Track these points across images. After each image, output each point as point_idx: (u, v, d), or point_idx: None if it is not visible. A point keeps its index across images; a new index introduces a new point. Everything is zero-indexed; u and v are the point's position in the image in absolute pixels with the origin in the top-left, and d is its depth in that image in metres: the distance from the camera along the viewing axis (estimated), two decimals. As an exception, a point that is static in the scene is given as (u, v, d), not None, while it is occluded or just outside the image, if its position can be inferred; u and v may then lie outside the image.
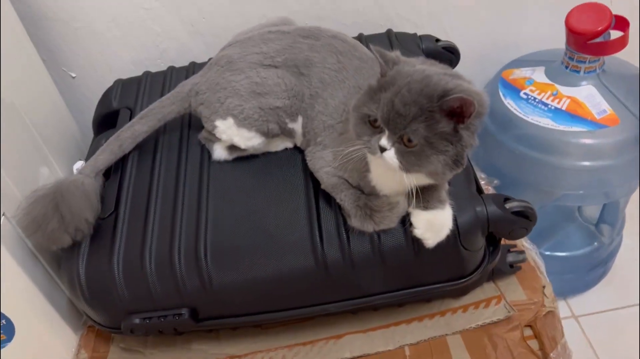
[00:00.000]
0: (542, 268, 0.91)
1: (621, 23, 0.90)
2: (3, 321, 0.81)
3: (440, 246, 0.67)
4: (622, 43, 0.91)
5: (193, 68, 0.94)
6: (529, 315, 0.81)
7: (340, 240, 0.68)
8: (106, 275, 0.70)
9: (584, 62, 0.95)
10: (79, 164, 0.91)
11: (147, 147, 0.83)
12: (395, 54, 0.61)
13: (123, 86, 0.94)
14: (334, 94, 0.71)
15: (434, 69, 0.59)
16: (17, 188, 0.78)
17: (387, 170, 0.62)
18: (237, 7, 1.00)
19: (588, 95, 0.96)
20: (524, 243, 0.92)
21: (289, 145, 0.79)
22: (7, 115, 0.81)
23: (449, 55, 0.95)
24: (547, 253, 1.14)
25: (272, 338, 0.81)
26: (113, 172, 0.81)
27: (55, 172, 0.91)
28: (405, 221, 0.67)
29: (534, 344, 0.80)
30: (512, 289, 0.85)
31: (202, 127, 0.81)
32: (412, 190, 0.61)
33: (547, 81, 1.00)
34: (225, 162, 0.79)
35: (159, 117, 0.80)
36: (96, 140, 0.88)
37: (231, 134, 0.75)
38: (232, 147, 0.78)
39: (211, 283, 0.69)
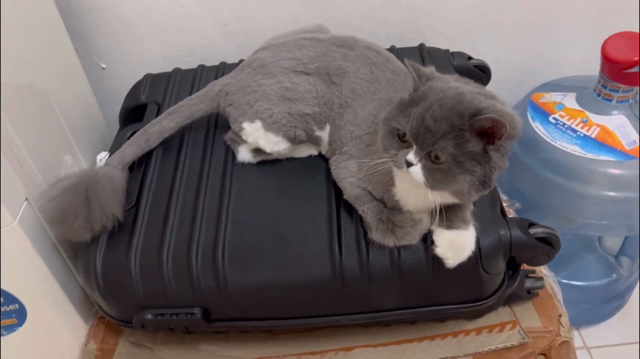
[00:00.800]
0: (559, 296, 0.90)
1: (657, 54, 0.89)
2: (16, 305, 0.81)
3: (460, 267, 0.66)
4: (659, 73, 0.90)
5: (223, 68, 0.95)
6: (544, 343, 0.80)
7: (359, 252, 0.68)
8: (122, 268, 0.70)
9: (617, 91, 0.94)
10: (102, 155, 0.92)
11: (173, 143, 0.83)
12: (430, 69, 0.61)
13: (152, 81, 0.95)
14: (364, 105, 0.71)
15: (468, 87, 0.59)
16: (40, 174, 0.78)
17: (412, 185, 0.62)
18: (270, 11, 1.01)
19: (619, 125, 0.94)
20: (542, 269, 0.90)
21: (314, 152, 0.79)
22: (36, 99, 0.82)
23: (480, 73, 0.94)
24: (564, 281, 1.12)
25: (281, 345, 0.81)
26: (137, 166, 0.81)
27: (78, 160, 0.92)
28: (427, 239, 0.66)
29: (546, 373, 0.79)
30: (528, 315, 0.83)
31: (229, 128, 0.81)
32: (436, 207, 0.60)
33: (578, 107, 0.99)
34: (249, 164, 0.79)
35: (187, 114, 0.80)
36: (122, 132, 0.89)
37: (258, 137, 0.75)
38: (257, 150, 0.78)
39: (226, 284, 0.69)
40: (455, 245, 0.65)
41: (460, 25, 1.07)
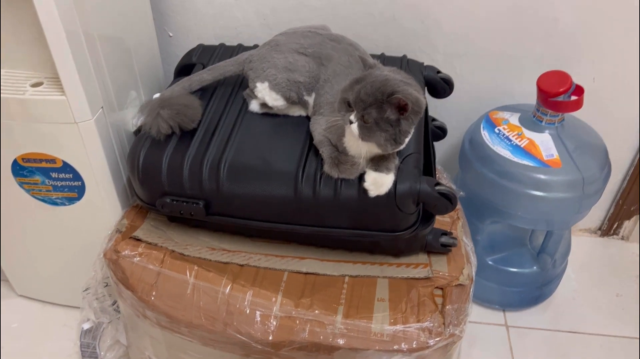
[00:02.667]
0: (472, 259, 1.17)
1: (579, 90, 1.17)
2: (79, 182, 1.15)
3: (380, 200, 0.95)
4: (576, 105, 1.17)
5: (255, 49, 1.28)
6: (443, 282, 1.07)
7: (314, 180, 0.98)
8: (156, 164, 1.03)
9: (546, 115, 1.22)
10: (157, 95, 1.26)
11: (208, 91, 1.16)
12: (375, 61, 0.91)
13: (203, 49, 1.29)
14: (340, 82, 1.02)
15: (395, 76, 0.89)
16: (114, 94, 1.13)
17: (353, 137, 0.92)
18: (298, 14, 1.34)
19: (543, 141, 1.22)
20: (464, 238, 1.18)
21: (303, 113, 1.10)
22: (120, 46, 1.17)
23: (444, 85, 1.24)
24: (491, 263, 1.39)
25: (256, 246, 1.11)
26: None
27: (140, 96, 1.27)
28: (361, 178, 0.97)
29: (439, 301, 1.06)
30: (440, 263, 1.11)
31: (247, 87, 1.14)
32: (367, 153, 0.91)
33: (518, 124, 1.27)
34: (257, 113, 1.11)
35: (221, 72, 1.13)
36: (174, 81, 1.22)
37: (264, 94, 1.07)
38: (263, 104, 1.10)
39: (223, 188, 1.00)
40: (377, 182, 0.94)
41: (443, 49, 1.37)
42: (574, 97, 1.18)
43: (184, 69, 1.26)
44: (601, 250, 1.68)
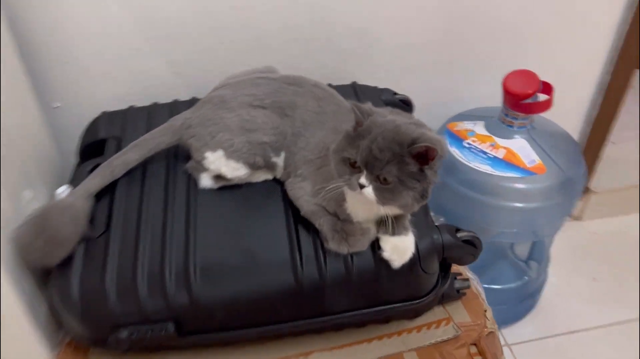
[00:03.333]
0: (483, 295, 1.04)
1: (547, 88, 1.08)
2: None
3: (403, 268, 0.78)
4: (547, 104, 1.08)
5: (176, 105, 1.03)
6: (474, 335, 0.92)
7: (317, 260, 0.77)
8: (99, 291, 0.76)
9: (517, 119, 1.12)
10: (61, 189, 0.96)
11: (136, 174, 0.89)
12: (369, 106, 0.73)
13: (109, 117, 1.01)
14: (315, 133, 0.82)
15: (402, 119, 0.71)
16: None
17: (360, 201, 0.73)
18: (220, 53, 1.11)
19: (520, 147, 1.12)
20: (468, 273, 1.04)
21: (269, 177, 0.89)
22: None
23: (404, 106, 1.09)
24: (483, 285, 1.27)
25: (243, 355, 0.88)
26: (103, 196, 0.87)
27: (38, 194, 0.96)
28: (375, 246, 0.78)
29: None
30: (459, 312, 0.96)
31: (188, 158, 0.90)
32: (387, 218, 0.73)
33: (487, 133, 1.16)
34: (211, 190, 0.87)
35: (151, 146, 0.88)
36: (82, 167, 0.94)
37: (220, 165, 0.84)
38: (218, 177, 0.86)
39: (198, 298, 0.76)
40: (399, 249, 0.76)
41: (384, 67, 1.22)
42: (542, 96, 1.09)
43: (92, 148, 0.98)
44: (560, 235, 1.65)
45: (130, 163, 0.87)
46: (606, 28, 1.28)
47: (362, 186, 0.69)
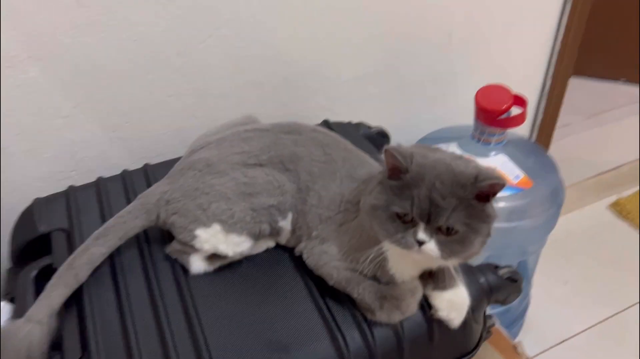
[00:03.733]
0: (502, 329, 0.96)
1: (520, 101, 1.05)
2: None
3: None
4: (522, 118, 1.05)
5: (128, 177, 0.85)
6: (517, 376, 0.84)
7: (364, 338, 0.64)
8: None
9: (494, 135, 1.07)
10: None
11: (102, 272, 0.71)
12: (406, 147, 0.62)
13: (46, 205, 0.81)
14: (327, 186, 0.70)
15: (445, 156, 0.61)
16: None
17: (408, 258, 0.62)
18: (167, 108, 0.94)
19: (503, 163, 1.07)
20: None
21: (271, 244, 0.74)
22: None
23: (381, 139, 1.00)
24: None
25: None
26: (67, 309, 0.67)
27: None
28: (424, 306, 0.66)
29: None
30: (490, 355, 0.87)
31: (166, 240, 0.73)
32: (454, 268, 0.64)
33: (464, 153, 1.10)
34: (205, 274, 0.71)
35: (120, 234, 0.70)
36: (23, 273, 0.73)
37: (216, 242, 0.68)
38: (212, 257, 0.70)
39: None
40: (455, 304, 0.66)
41: (343, 98, 1.13)
42: (515, 109, 1.06)
43: (30, 249, 0.77)
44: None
45: (96, 261, 0.68)
46: (542, 35, 1.30)
47: (421, 243, 0.58)
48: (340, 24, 1.03)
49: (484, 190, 0.57)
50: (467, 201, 0.57)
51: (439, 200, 0.56)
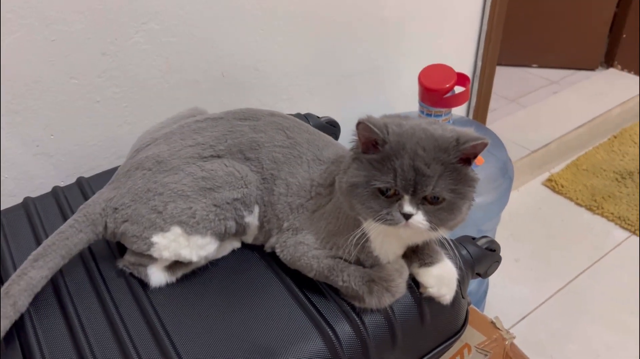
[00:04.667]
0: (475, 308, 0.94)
1: (463, 78, 1.04)
2: None
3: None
4: (466, 95, 1.05)
5: (60, 193, 0.75)
6: (500, 350, 0.82)
7: (354, 327, 0.59)
8: None
9: (440, 116, 1.06)
10: None
11: (44, 299, 0.61)
12: (379, 118, 0.58)
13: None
14: (293, 172, 0.64)
15: (419, 121, 0.58)
16: None
17: (391, 236, 0.58)
18: (91, 117, 0.85)
19: (452, 143, 1.06)
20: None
21: (237, 245, 0.68)
22: None
23: (331, 128, 0.96)
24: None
25: None
26: (7, 345, 0.57)
27: None
28: (412, 286, 0.62)
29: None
30: (470, 334, 0.84)
31: (115, 254, 0.64)
32: (447, 241, 0.59)
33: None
34: (167, 286, 0.63)
35: (63, 253, 0.60)
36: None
37: (177, 247, 0.60)
38: (173, 265, 0.63)
39: None
40: (444, 279, 0.62)
41: (283, 93, 1.08)
42: (458, 88, 1.05)
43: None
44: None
45: (37, 285, 0.59)
46: (471, 15, 1.32)
47: (408, 217, 0.54)
48: (275, 14, 0.99)
49: (467, 152, 0.54)
50: (451, 166, 0.54)
51: (424, 168, 0.53)
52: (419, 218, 0.54)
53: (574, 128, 1.89)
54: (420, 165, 0.53)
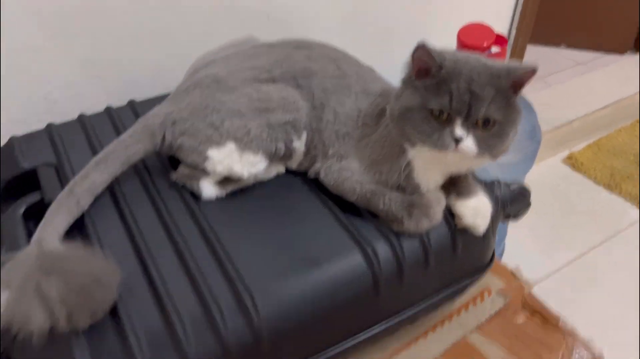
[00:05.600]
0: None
1: (501, 39, 1.06)
2: None
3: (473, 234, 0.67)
4: (504, 55, 1.07)
5: (113, 113, 0.79)
6: (519, 297, 0.85)
7: (393, 249, 0.62)
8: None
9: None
10: None
11: (103, 202, 0.65)
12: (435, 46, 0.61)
13: (27, 142, 0.73)
14: (342, 102, 0.67)
15: (469, 54, 0.61)
16: None
17: (435, 163, 0.61)
18: (145, 44, 0.88)
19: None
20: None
21: (281, 169, 0.71)
22: None
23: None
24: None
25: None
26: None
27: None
28: (447, 217, 0.66)
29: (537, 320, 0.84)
30: (491, 280, 0.88)
31: (168, 166, 0.68)
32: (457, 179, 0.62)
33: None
34: (217, 201, 0.67)
35: (122, 159, 0.64)
36: (11, 210, 0.65)
37: (231, 162, 0.64)
38: (224, 181, 0.66)
39: (261, 330, 0.56)
40: (479, 210, 0.65)
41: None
42: (495, 48, 1.07)
43: (14, 185, 0.70)
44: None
45: (97, 188, 0.63)
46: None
47: (458, 141, 0.57)
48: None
49: (518, 79, 0.57)
50: (503, 92, 0.57)
51: (479, 90, 0.56)
52: (468, 143, 0.57)
53: (598, 109, 1.90)
54: (475, 88, 0.56)
